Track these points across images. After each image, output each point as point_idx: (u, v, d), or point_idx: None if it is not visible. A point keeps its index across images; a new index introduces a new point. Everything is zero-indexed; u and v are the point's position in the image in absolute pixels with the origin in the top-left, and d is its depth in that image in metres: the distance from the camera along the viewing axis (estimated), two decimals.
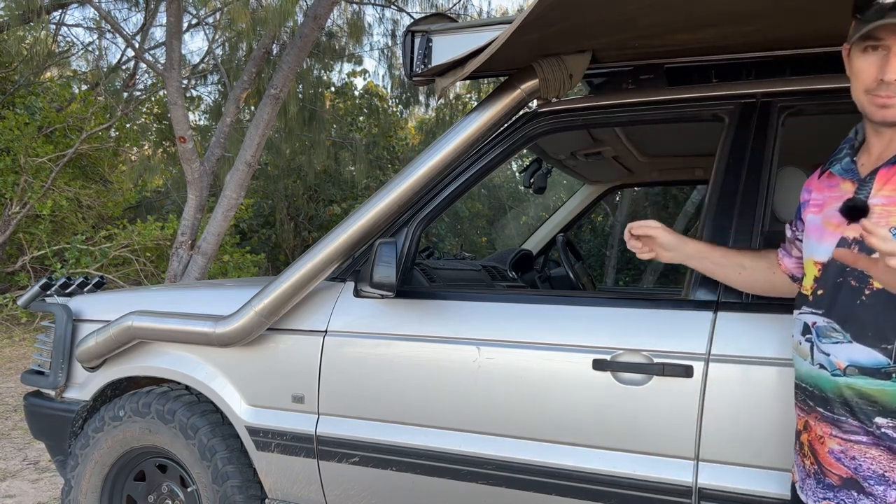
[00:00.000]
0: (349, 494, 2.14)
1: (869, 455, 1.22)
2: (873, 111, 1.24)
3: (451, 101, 10.89)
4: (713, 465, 1.71)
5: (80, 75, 11.40)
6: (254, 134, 6.60)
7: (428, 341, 2.02)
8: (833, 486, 1.27)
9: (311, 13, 6.43)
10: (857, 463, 1.23)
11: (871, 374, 1.20)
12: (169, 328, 2.26)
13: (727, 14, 1.64)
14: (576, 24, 1.71)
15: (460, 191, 2.11)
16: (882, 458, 1.20)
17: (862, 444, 1.22)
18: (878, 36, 1.19)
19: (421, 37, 2.09)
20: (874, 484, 1.21)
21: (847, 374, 1.23)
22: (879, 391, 1.19)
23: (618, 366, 1.79)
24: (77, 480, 2.48)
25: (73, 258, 8.27)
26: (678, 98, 1.95)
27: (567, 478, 1.83)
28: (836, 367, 1.24)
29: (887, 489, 1.19)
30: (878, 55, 1.21)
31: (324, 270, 2.11)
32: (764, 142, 1.82)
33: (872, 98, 1.23)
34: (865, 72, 1.23)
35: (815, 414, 1.30)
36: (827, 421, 1.27)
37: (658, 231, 1.61)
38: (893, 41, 1.18)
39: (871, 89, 1.22)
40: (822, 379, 1.28)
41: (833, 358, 1.25)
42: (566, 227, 3.65)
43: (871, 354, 1.20)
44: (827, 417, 1.27)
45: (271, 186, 11.82)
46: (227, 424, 2.31)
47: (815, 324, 1.29)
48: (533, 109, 2.10)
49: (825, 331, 1.27)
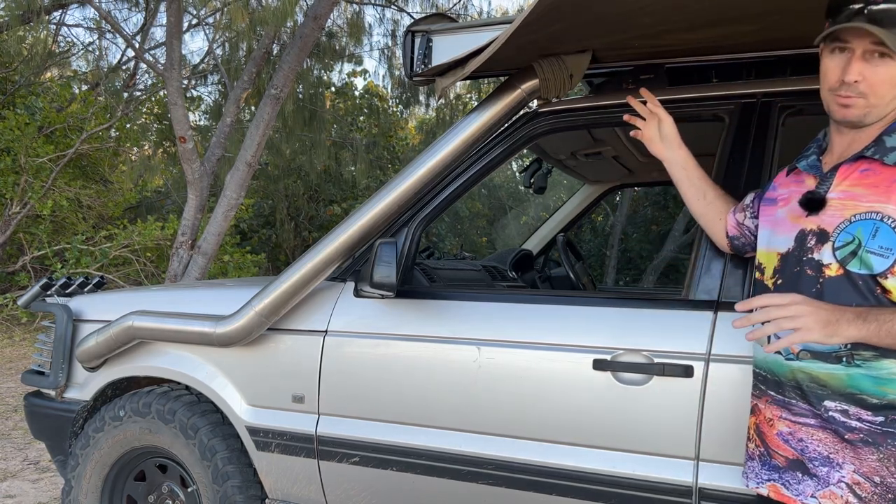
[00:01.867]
0: (349, 494, 2.14)
1: (816, 437, 1.27)
2: (835, 109, 1.30)
3: (451, 101, 10.89)
4: (713, 465, 1.71)
5: (80, 75, 11.40)
6: (254, 134, 6.60)
7: (428, 341, 2.02)
8: (779, 467, 1.33)
9: (311, 13, 6.43)
10: (804, 445, 1.29)
11: (822, 359, 1.26)
12: (169, 328, 2.26)
13: (727, 14, 1.64)
14: (576, 23, 1.71)
15: (461, 191, 2.11)
16: (828, 440, 1.26)
17: (810, 426, 1.28)
18: (844, 38, 1.25)
19: (421, 37, 2.09)
20: (819, 465, 1.26)
21: (800, 359, 1.29)
22: (829, 375, 1.25)
23: (618, 366, 1.79)
24: (77, 480, 2.48)
25: (74, 258, 8.27)
26: (678, 98, 1.95)
27: (567, 478, 1.83)
28: (789, 352, 1.30)
29: (831, 470, 1.25)
30: (844, 57, 1.26)
31: (324, 270, 2.11)
32: (764, 142, 1.82)
33: (835, 97, 1.29)
34: (831, 72, 1.29)
35: (766, 397, 1.37)
36: (777, 404, 1.34)
37: (669, 119, 1.67)
38: (857, 44, 1.24)
39: (835, 89, 1.28)
40: (775, 363, 1.34)
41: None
42: (566, 227, 3.65)
43: None
44: (778, 401, 1.34)
45: (272, 186, 11.82)
46: (228, 424, 2.31)
47: None
48: (533, 109, 2.10)
49: None
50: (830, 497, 1.25)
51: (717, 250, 1.77)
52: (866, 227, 1.22)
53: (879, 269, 1.19)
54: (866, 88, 1.25)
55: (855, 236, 1.22)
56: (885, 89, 1.25)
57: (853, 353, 1.23)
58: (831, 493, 1.25)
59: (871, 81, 1.25)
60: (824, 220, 1.29)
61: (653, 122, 1.70)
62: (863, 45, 1.24)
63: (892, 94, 1.26)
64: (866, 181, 1.26)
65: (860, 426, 1.23)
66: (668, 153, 1.69)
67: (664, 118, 1.68)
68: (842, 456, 1.25)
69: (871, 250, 1.20)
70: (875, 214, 1.22)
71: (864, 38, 1.23)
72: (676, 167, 1.69)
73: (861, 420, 1.22)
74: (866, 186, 1.25)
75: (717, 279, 1.76)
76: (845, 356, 1.24)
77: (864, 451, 1.22)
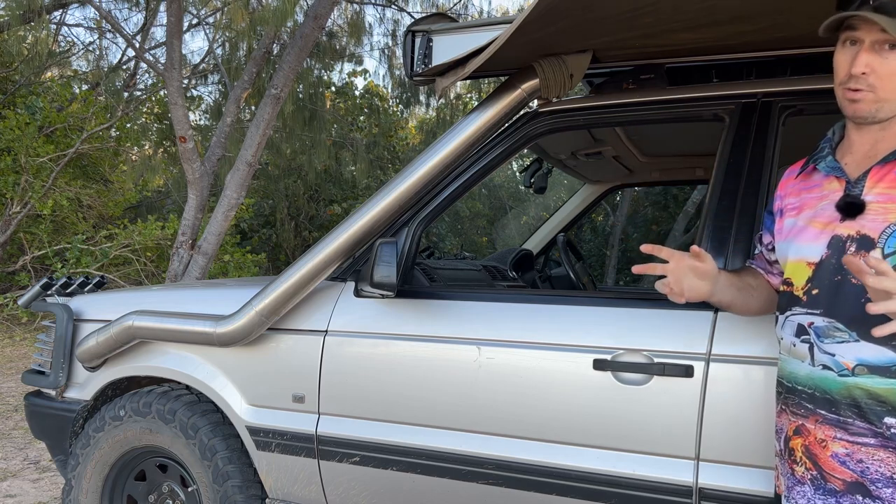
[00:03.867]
0: (350, 494, 2.15)
1: (877, 457, 1.19)
2: (846, 105, 1.25)
3: (451, 101, 10.89)
4: (714, 465, 1.70)
5: (80, 75, 11.41)
6: (254, 134, 6.60)
7: (428, 341, 2.02)
8: (836, 490, 1.23)
9: (311, 13, 6.43)
10: (865, 466, 1.20)
11: (881, 373, 1.18)
12: (169, 328, 2.26)
13: (727, 14, 1.64)
14: (576, 23, 1.71)
15: (461, 191, 2.11)
16: (891, 459, 1.18)
17: (870, 446, 1.20)
18: (854, 27, 1.20)
19: (421, 37, 2.09)
20: (882, 487, 1.18)
21: (856, 374, 1.21)
22: (889, 390, 1.17)
23: (618, 366, 1.79)
24: (78, 480, 2.48)
25: (74, 258, 8.27)
26: (679, 98, 1.95)
27: (567, 478, 1.84)
28: (843, 368, 1.22)
29: (895, 491, 1.17)
30: (854, 49, 1.22)
31: (324, 270, 2.11)
32: (764, 142, 1.82)
33: (844, 91, 1.24)
34: (840, 65, 1.24)
35: (816, 416, 1.27)
36: (831, 424, 1.24)
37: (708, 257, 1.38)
38: (866, 35, 1.19)
39: (844, 82, 1.24)
40: (826, 380, 1.25)
41: (839, 358, 1.23)
42: (567, 227, 3.66)
43: (881, 352, 1.18)
44: (831, 420, 1.24)
45: (272, 186, 11.82)
46: (228, 424, 2.31)
47: (812, 324, 1.27)
48: (533, 109, 2.10)
49: (827, 331, 1.24)
50: None
51: (716, 250, 1.77)
52: None
53: None
54: (875, 81, 1.20)
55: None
56: (888, 81, 1.20)
57: None
58: None
59: (880, 73, 1.19)
60: (865, 224, 1.21)
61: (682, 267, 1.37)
62: (872, 36, 1.19)
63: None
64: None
65: None
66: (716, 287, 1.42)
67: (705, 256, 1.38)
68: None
69: None
70: None
71: (872, 28, 1.18)
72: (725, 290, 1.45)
73: None
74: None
75: None
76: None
77: None
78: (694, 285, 1.38)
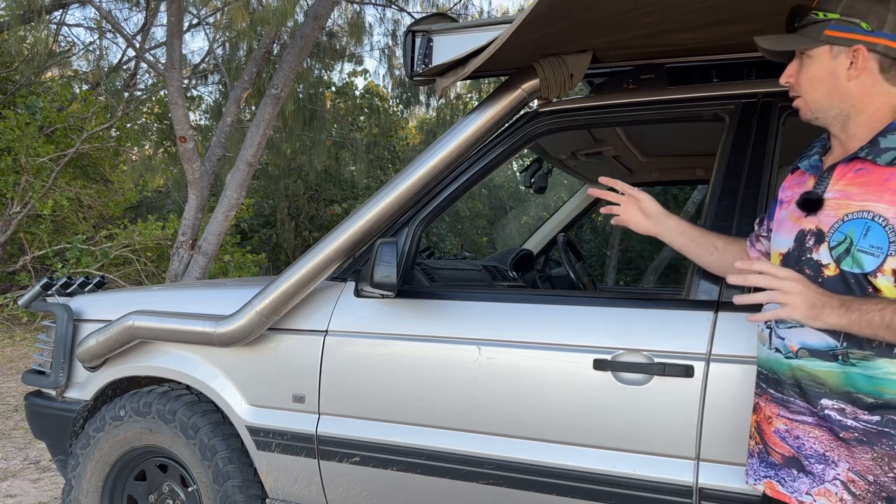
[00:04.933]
0: (350, 494, 2.15)
1: (812, 435, 1.29)
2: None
3: (451, 101, 10.89)
4: (714, 465, 1.70)
5: (80, 75, 11.41)
6: (255, 134, 6.60)
7: (428, 341, 2.02)
8: (775, 464, 1.35)
9: (311, 13, 6.43)
10: (801, 442, 1.31)
11: (820, 357, 1.28)
12: (170, 328, 2.26)
13: (728, 14, 1.64)
14: (576, 23, 1.71)
15: (461, 191, 2.11)
16: (824, 438, 1.28)
17: (807, 424, 1.30)
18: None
19: (422, 37, 2.09)
20: (814, 463, 1.29)
21: (798, 357, 1.32)
22: (827, 373, 1.27)
23: (618, 366, 1.79)
24: (78, 480, 2.49)
25: (74, 258, 8.27)
26: (679, 98, 1.95)
27: (567, 478, 1.84)
28: (789, 350, 1.33)
29: (826, 468, 1.27)
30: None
31: (324, 270, 2.11)
32: (765, 142, 1.82)
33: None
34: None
35: (766, 395, 1.39)
36: (776, 402, 1.36)
37: (644, 195, 1.65)
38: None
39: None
40: (776, 362, 1.37)
41: (787, 341, 1.34)
42: (567, 227, 3.66)
43: (821, 337, 1.28)
44: (777, 398, 1.36)
45: (272, 186, 11.82)
46: (228, 424, 2.32)
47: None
48: (534, 109, 2.10)
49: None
50: (825, 494, 1.27)
51: None
52: (858, 226, 1.24)
53: (870, 268, 1.21)
54: (798, 88, 1.35)
55: (847, 235, 1.24)
56: (807, 87, 1.33)
57: (848, 352, 1.25)
58: (826, 491, 1.27)
59: (800, 80, 1.34)
60: (821, 219, 1.30)
61: (631, 205, 1.67)
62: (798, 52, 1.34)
63: (822, 90, 1.32)
64: (860, 181, 1.27)
65: (856, 425, 1.24)
66: (660, 227, 1.66)
67: (640, 196, 1.65)
68: (837, 454, 1.26)
69: (863, 249, 1.22)
70: (867, 214, 1.23)
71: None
72: (675, 236, 1.66)
73: (857, 419, 1.24)
74: (860, 186, 1.27)
75: (717, 279, 1.76)
76: (841, 354, 1.25)
77: (859, 449, 1.24)
78: (639, 221, 1.66)
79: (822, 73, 1.31)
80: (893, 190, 1.21)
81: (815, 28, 1.29)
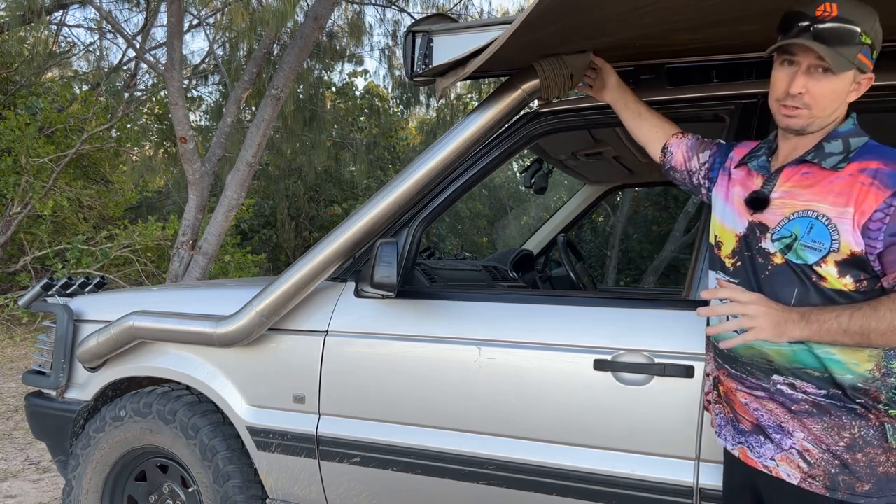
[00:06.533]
0: (350, 494, 2.15)
1: (767, 408, 1.40)
2: (780, 118, 1.41)
3: (451, 102, 10.89)
4: (714, 465, 1.71)
5: (81, 76, 11.41)
6: (255, 134, 6.61)
7: (428, 341, 2.02)
8: (745, 431, 1.45)
9: (311, 13, 6.44)
10: (760, 413, 1.41)
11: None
12: (170, 328, 2.26)
13: (727, 14, 1.64)
14: (576, 23, 1.71)
15: (461, 191, 2.11)
16: (778, 410, 1.38)
17: (761, 398, 1.41)
18: (793, 52, 1.35)
19: (422, 37, 2.09)
20: (773, 432, 1.39)
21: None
22: (775, 352, 1.37)
23: (618, 366, 1.79)
24: (78, 481, 2.49)
25: (75, 258, 8.27)
26: (679, 98, 1.95)
27: (567, 478, 1.84)
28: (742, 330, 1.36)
29: (783, 437, 1.37)
30: (791, 70, 1.36)
31: (325, 271, 2.11)
32: None
33: (780, 107, 1.39)
34: (779, 83, 1.38)
35: (724, 370, 1.49)
36: (733, 378, 1.46)
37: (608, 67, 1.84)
38: (804, 59, 1.34)
39: (781, 99, 1.38)
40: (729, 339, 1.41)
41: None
42: (567, 228, 3.66)
43: None
44: (734, 375, 1.46)
45: (272, 187, 11.82)
46: (228, 424, 2.32)
47: None
48: (534, 109, 2.10)
49: None
50: (786, 461, 1.37)
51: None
52: (803, 224, 1.34)
53: (813, 261, 1.31)
54: (810, 100, 1.35)
55: (793, 232, 1.35)
56: (826, 102, 1.35)
57: None
58: (786, 458, 1.37)
59: (814, 94, 1.34)
60: (766, 216, 1.40)
61: (598, 76, 1.86)
62: (808, 60, 1.33)
63: (833, 106, 1.36)
64: (805, 182, 1.37)
65: (805, 398, 1.34)
66: (611, 95, 1.84)
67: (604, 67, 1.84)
68: (791, 425, 1.36)
69: (806, 244, 1.33)
70: (811, 213, 1.33)
71: (809, 53, 1.32)
72: (616, 93, 1.83)
73: (806, 393, 1.34)
74: (805, 187, 1.37)
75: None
76: None
77: (810, 421, 1.34)
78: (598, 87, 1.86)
79: (842, 92, 1.35)
80: (836, 192, 1.31)
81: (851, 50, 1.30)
